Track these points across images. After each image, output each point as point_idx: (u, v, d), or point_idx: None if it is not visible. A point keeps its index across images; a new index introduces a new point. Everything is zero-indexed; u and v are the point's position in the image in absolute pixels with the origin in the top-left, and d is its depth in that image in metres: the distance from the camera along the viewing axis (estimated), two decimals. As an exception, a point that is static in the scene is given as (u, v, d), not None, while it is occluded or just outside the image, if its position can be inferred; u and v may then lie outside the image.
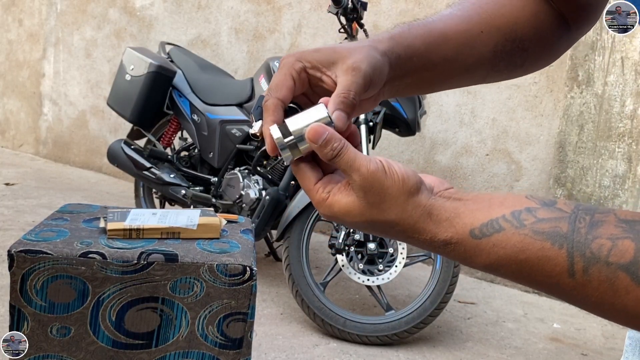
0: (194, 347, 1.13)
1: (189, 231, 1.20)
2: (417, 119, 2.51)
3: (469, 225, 0.47)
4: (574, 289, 0.43)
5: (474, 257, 0.47)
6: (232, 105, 2.92)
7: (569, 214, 0.45)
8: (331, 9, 2.46)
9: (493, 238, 0.46)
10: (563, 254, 0.43)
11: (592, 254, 0.42)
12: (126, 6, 4.65)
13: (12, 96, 5.42)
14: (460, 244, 0.48)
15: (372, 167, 0.49)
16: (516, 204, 0.47)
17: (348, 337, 2.36)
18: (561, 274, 0.43)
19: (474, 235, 0.47)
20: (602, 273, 0.42)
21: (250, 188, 2.69)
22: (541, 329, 2.76)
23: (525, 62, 0.69)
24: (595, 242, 0.42)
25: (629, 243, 0.41)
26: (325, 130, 0.51)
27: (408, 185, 0.49)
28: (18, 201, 3.72)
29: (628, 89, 2.98)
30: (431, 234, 0.49)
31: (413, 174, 0.50)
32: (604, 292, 0.42)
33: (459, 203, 0.49)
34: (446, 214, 0.48)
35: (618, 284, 0.41)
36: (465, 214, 0.48)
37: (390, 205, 0.49)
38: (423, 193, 0.49)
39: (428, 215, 0.49)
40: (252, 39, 4.10)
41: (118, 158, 3.07)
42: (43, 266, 1.07)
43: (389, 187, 0.49)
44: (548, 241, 0.44)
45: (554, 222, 0.45)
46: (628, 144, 2.98)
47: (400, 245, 2.41)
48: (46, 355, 1.10)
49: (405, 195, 0.49)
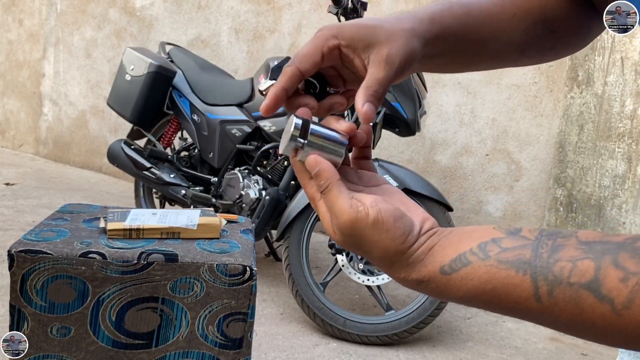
0: (194, 347, 1.13)
1: (189, 231, 1.20)
2: (417, 119, 2.51)
3: (439, 262, 0.49)
4: (543, 312, 0.45)
5: (447, 292, 0.49)
6: (232, 105, 2.92)
7: (532, 240, 0.46)
8: (331, 9, 2.46)
9: (462, 272, 0.48)
10: (527, 280, 0.44)
11: (555, 276, 0.43)
12: (126, 6, 4.65)
13: (12, 96, 5.42)
14: (432, 282, 0.49)
15: (351, 217, 0.50)
16: (483, 235, 0.48)
17: (348, 337, 2.36)
18: (528, 299, 0.45)
19: (444, 272, 0.48)
20: (566, 294, 0.43)
21: (250, 188, 2.69)
22: (541, 328, 2.76)
23: (555, 45, 0.69)
24: (557, 265, 0.43)
25: (588, 262, 0.42)
26: (317, 166, 0.52)
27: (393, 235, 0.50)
28: (18, 201, 3.72)
29: (628, 89, 2.98)
30: (405, 274, 0.50)
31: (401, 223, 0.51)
32: (571, 312, 0.43)
33: (435, 241, 0.50)
34: (422, 255, 0.50)
35: (582, 303, 0.42)
36: (437, 252, 0.49)
37: (370, 249, 0.51)
38: (406, 242, 0.50)
39: (406, 260, 0.50)
40: (252, 39, 4.10)
41: (118, 158, 3.07)
42: (43, 266, 1.07)
43: (370, 234, 0.50)
44: (512, 269, 0.45)
45: (518, 250, 0.46)
46: (628, 144, 2.98)
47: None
48: (46, 355, 1.10)
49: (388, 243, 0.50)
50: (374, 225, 0.50)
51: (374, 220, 0.50)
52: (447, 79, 3.42)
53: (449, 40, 0.61)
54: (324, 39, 0.56)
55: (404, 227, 0.51)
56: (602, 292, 0.41)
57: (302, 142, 0.53)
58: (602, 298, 0.41)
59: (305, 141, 0.53)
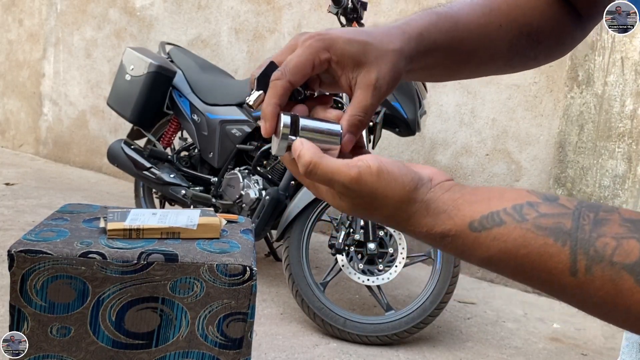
0: (194, 347, 1.13)
1: (189, 231, 1.20)
2: (417, 119, 2.51)
3: (468, 217, 0.46)
4: (575, 288, 0.42)
5: (472, 250, 0.46)
6: (232, 105, 2.92)
7: (572, 210, 0.43)
8: (331, 9, 2.46)
9: (493, 231, 0.44)
10: (566, 252, 0.42)
11: (597, 252, 0.41)
12: (126, 6, 4.65)
13: (12, 96, 5.42)
14: (459, 237, 0.46)
15: (354, 174, 0.47)
16: (517, 198, 0.46)
17: (348, 337, 2.36)
18: (563, 272, 0.42)
19: (473, 228, 0.45)
20: (605, 273, 0.40)
21: (250, 188, 2.69)
22: (541, 329, 2.76)
23: (538, 55, 0.69)
24: (599, 240, 0.41)
25: (634, 243, 0.40)
26: (300, 147, 0.49)
27: (402, 183, 0.47)
28: (18, 201, 3.72)
29: (628, 89, 2.98)
30: (427, 227, 0.47)
31: (409, 170, 0.49)
32: (607, 293, 0.41)
33: (458, 195, 0.47)
34: (444, 206, 0.47)
35: (622, 285, 0.40)
36: (464, 205, 0.46)
37: (383, 203, 0.48)
38: (420, 189, 0.48)
39: (425, 209, 0.47)
40: (252, 39, 4.10)
41: (118, 158, 3.07)
42: (43, 266, 1.07)
43: (379, 187, 0.47)
44: (551, 237, 0.42)
45: (557, 218, 0.43)
46: (628, 144, 2.98)
47: (400, 245, 2.41)
48: (46, 355, 1.10)
49: (400, 192, 0.47)
50: (379, 175, 0.47)
51: (377, 169, 0.47)
52: (447, 79, 3.42)
53: (435, 55, 0.61)
54: (316, 51, 0.53)
55: (412, 174, 0.48)
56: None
57: (293, 139, 0.50)
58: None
59: (296, 138, 0.50)
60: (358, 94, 0.54)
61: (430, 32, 0.59)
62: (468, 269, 3.39)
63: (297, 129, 0.51)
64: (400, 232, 2.42)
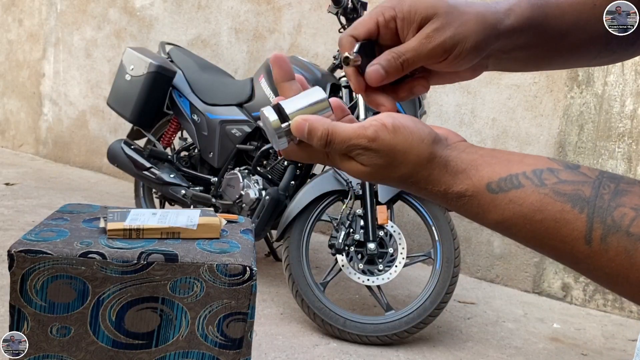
0: (194, 347, 1.13)
1: (189, 231, 1.20)
2: (417, 119, 2.51)
3: (486, 178, 0.45)
4: (588, 257, 0.41)
5: (488, 212, 0.45)
6: (232, 105, 2.92)
7: (593, 179, 0.43)
8: (331, 9, 2.46)
9: (510, 194, 0.44)
10: (583, 219, 0.41)
11: (614, 221, 0.40)
12: (126, 6, 4.65)
13: (12, 96, 5.42)
14: (475, 197, 0.45)
15: (370, 134, 0.47)
16: (538, 163, 0.45)
17: (348, 337, 2.36)
18: (577, 239, 0.41)
19: (491, 189, 0.45)
20: (620, 243, 0.40)
21: (250, 188, 2.69)
22: (541, 329, 2.76)
23: (638, 39, 0.62)
24: (618, 210, 0.40)
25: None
26: (305, 122, 0.48)
27: (420, 137, 0.47)
28: (18, 201, 3.72)
29: (628, 89, 2.98)
30: (446, 185, 0.46)
31: (423, 125, 0.48)
32: (620, 264, 0.40)
33: (476, 155, 0.47)
34: (463, 165, 0.46)
35: (637, 257, 0.39)
36: (482, 166, 0.46)
37: (403, 160, 0.47)
38: (437, 144, 0.47)
39: (444, 166, 0.47)
40: (252, 39, 4.10)
41: (118, 158, 3.07)
42: (43, 266, 1.07)
43: (397, 143, 0.46)
44: (569, 203, 0.42)
45: (577, 185, 0.42)
46: (628, 144, 2.98)
47: (400, 245, 2.41)
48: (46, 355, 1.10)
49: (418, 146, 0.47)
50: (395, 131, 0.46)
51: (393, 125, 0.47)
52: (447, 79, 3.43)
53: (528, 33, 0.57)
54: (382, 9, 0.54)
55: (427, 129, 0.48)
56: None
57: (287, 125, 0.50)
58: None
59: (289, 122, 0.50)
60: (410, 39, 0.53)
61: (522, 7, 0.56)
62: (468, 269, 3.39)
63: (284, 114, 0.50)
64: (400, 233, 2.42)
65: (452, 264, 2.37)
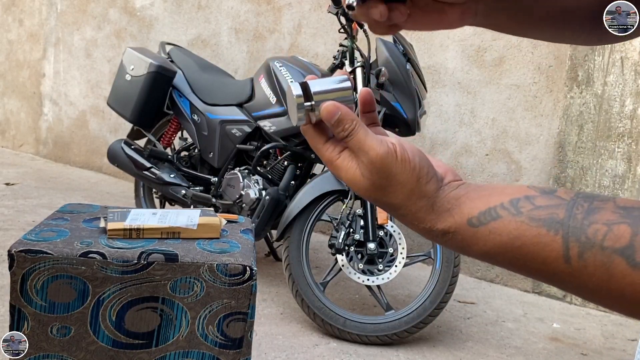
0: (194, 346, 1.13)
1: (189, 231, 1.20)
2: (417, 119, 2.51)
3: (466, 214, 0.47)
4: (571, 275, 0.43)
5: (472, 245, 0.47)
6: (232, 105, 2.92)
7: (568, 201, 0.44)
8: (331, 9, 2.46)
9: (490, 225, 0.46)
10: (558, 240, 0.43)
11: (588, 238, 0.42)
12: (126, 6, 4.65)
13: (13, 96, 5.42)
14: (458, 233, 0.48)
15: (381, 152, 0.49)
16: (515, 192, 0.47)
17: (348, 337, 2.36)
18: (557, 259, 0.43)
19: (472, 224, 0.47)
20: (597, 258, 0.41)
21: (250, 188, 2.69)
22: (541, 328, 2.76)
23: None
24: (591, 227, 0.42)
25: (625, 228, 0.41)
26: (338, 110, 0.51)
27: (419, 174, 0.49)
28: (18, 201, 3.72)
29: (628, 89, 2.98)
30: (431, 224, 0.49)
31: (426, 162, 0.50)
32: (600, 278, 0.41)
33: (462, 192, 0.49)
34: (448, 205, 0.49)
35: (614, 269, 0.41)
36: (465, 203, 0.48)
37: (396, 190, 0.49)
38: (431, 184, 0.49)
39: (431, 206, 0.49)
40: (252, 39, 4.10)
41: (118, 158, 3.07)
42: (43, 266, 1.07)
43: (398, 173, 0.49)
44: (544, 227, 0.44)
45: (551, 209, 0.44)
46: (628, 144, 2.98)
47: (400, 245, 2.41)
48: (46, 355, 1.10)
49: (414, 182, 0.49)
50: (402, 162, 0.49)
51: (401, 157, 0.49)
52: (447, 79, 3.43)
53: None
54: None
55: (428, 168, 0.50)
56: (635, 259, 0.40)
57: (310, 105, 0.52)
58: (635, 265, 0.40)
59: (313, 102, 0.52)
60: None
61: None
62: (468, 269, 3.39)
63: (309, 94, 0.52)
64: (400, 233, 2.42)
65: (452, 263, 2.37)
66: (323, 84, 0.53)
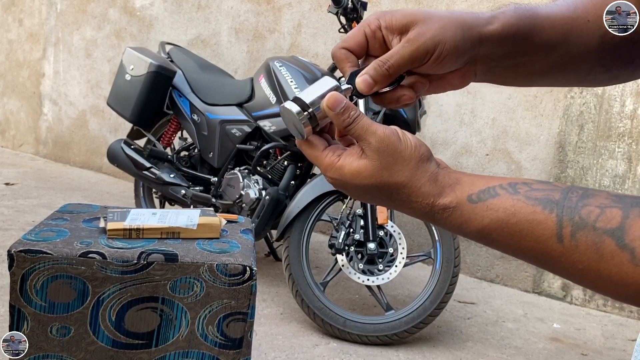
0: (194, 347, 1.13)
1: (189, 231, 1.20)
2: (417, 118, 2.51)
3: (467, 191, 0.50)
4: (562, 255, 0.44)
5: (469, 221, 0.49)
6: (232, 105, 2.92)
7: (563, 187, 0.47)
8: (331, 9, 2.46)
9: (488, 202, 0.48)
10: (553, 218, 0.45)
11: (581, 219, 0.44)
12: (126, 6, 4.65)
13: (12, 96, 5.42)
14: (458, 208, 0.50)
15: (387, 131, 0.52)
16: (515, 179, 0.50)
17: (348, 337, 2.36)
18: (550, 238, 0.45)
19: (471, 200, 0.49)
20: (589, 238, 0.43)
21: (250, 188, 2.69)
22: (541, 329, 2.76)
23: (635, 58, 0.61)
24: (585, 208, 0.44)
25: (616, 211, 0.43)
26: (342, 99, 0.54)
27: (420, 151, 0.52)
28: (18, 201, 3.72)
29: (628, 89, 2.98)
30: (433, 198, 0.51)
31: (423, 144, 0.54)
32: (590, 258, 0.43)
33: (462, 174, 0.52)
34: (449, 180, 0.51)
35: (603, 249, 0.42)
36: (466, 182, 0.51)
37: (402, 167, 0.52)
38: (432, 162, 0.53)
39: (434, 180, 0.51)
40: (252, 39, 4.10)
41: (118, 158, 3.07)
42: (43, 266, 1.07)
43: (402, 150, 0.52)
44: (539, 205, 0.46)
45: (547, 192, 0.47)
46: (628, 144, 2.98)
47: (400, 245, 2.41)
48: (46, 355, 1.10)
49: (416, 159, 0.52)
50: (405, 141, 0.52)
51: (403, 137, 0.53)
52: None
53: (514, 40, 0.58)
54: (368, 21, 0.58)
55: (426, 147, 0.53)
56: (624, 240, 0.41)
57: (310, 113, 0.55)
58: (624, 246, 0.41)
59: (311, 109, 0.55)
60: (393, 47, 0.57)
61: (507, 15, 0.58)
62: (468, 269, 3.39)
63: (304, 104, 0.55)
64: (400, 233, 2.42)
65: (452, 263, 2.37)
66: (311, 91, 0.56)
